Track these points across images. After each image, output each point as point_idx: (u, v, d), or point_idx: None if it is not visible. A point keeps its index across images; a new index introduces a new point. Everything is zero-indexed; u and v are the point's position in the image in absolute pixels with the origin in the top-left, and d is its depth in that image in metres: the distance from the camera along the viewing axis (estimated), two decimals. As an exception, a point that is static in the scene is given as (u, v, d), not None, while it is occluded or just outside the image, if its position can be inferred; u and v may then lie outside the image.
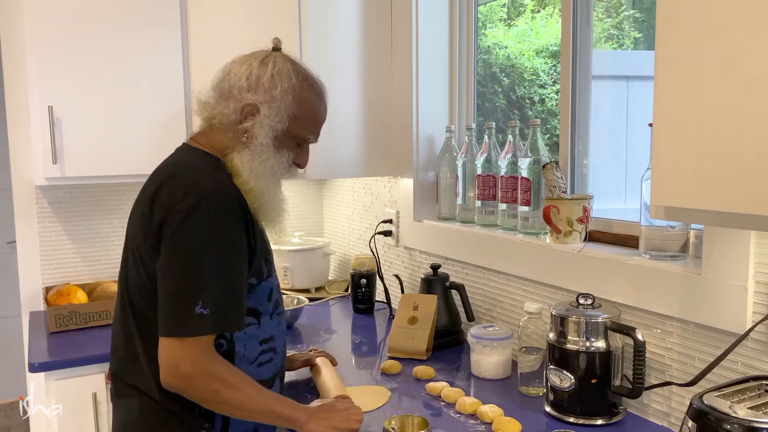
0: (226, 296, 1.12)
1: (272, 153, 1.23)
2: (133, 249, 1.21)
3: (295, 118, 1.24)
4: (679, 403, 1.31)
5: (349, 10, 2.13)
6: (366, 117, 2.19)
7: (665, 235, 1.35)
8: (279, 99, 1.22)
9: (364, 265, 2.26)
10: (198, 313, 1.09)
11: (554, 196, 1.60)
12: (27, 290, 2.32)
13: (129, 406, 1.23)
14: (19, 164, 2.27)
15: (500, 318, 1.82)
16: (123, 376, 1.25)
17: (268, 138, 1.22)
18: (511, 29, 2.16)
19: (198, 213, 1.11)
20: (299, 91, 1.24)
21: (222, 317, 1.11)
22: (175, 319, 1.10)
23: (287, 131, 1.24)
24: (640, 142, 1.61)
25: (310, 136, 1.30)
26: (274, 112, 1.22)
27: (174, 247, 1.12)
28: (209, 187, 1.14)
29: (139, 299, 1.20)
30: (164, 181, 1.17)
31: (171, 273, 1.11)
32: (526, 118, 2.01)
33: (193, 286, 1.10)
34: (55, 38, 1.97)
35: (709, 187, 0.89)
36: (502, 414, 1.35)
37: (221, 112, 1.23)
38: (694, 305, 1.25)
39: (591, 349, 1.32)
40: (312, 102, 1.27)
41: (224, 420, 1.23)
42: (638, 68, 1.77)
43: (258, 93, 1.21)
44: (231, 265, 1.14)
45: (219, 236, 1.12)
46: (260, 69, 1.23)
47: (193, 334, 1.09)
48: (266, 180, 1.22)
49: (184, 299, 1.09)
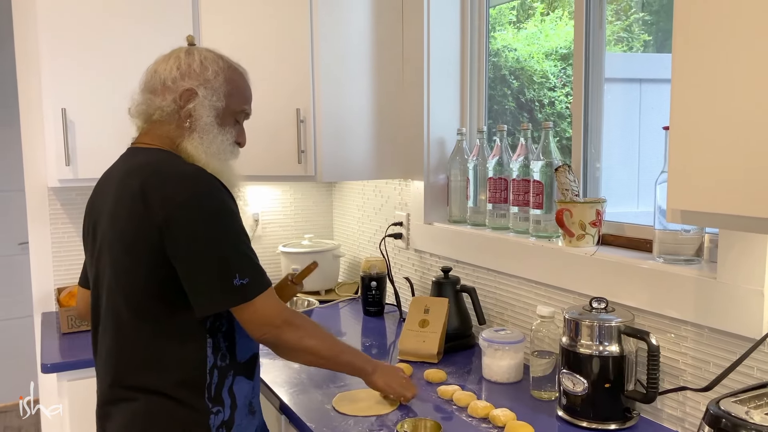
0: (252, 262, 1.22)
1: (218, 131, 1.30)
2: (123, 251, 1.22)
3: (229, 95, 1.31)
4: (694, 408, 1.30)
5: (361, 13, 2.13)
6: (377, 119, 2.19)
7: (679, 239, 1.34)
8: (212, 79, 1.29)
9: (375, 267, 2.26)
10: (238, 284, 1.18)
11: (567, 200, 1.59)
12: (39, 291, 2.33)
13: (130, 408, 1.24)
14: (33, 166, 2.29)
15: (512, 321, 1.81)
16: (122, 380, 1.25)
17: (211, 117, 1.29)
18: (520, 32, 2.16)
19: (203, 199, 1.18)
20: (227, 72, 1.32)
21: (259, 280, 1.21)
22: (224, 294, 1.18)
23: (225, 108, 1.31)
24: (652, 146, 1.60)
25: (246, 108, 1.37)
26: (211, 92, 1.29)
27: (194, 234, 1.17)
28: (197, 175, 1.21)
29: (142, 295, 1.21)
30: (147, 180, 1.20)
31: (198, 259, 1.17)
32: (535, 121, 2.01)
33: (225, 263, 1.18)
34: (69, 41, 1.99)
35: (726, 191, 0.89)
36: (514, 418, 1.35)
37: (159, 106, 1.28)
38: (708, 310, 1.24)
39: (604, 354, 1.31)
40: (239, 80, 1.35)
41: (232, 400, 1.28)
42: (651, 71, 1.76)
43: (192, 78, 1.28)
44: (242, 237, 1.22)
45: (227, 215, 1.20)
46: (188, 58, 1.30)
47: (239, 302, 1.19)
48: (221, 157, 1.30)
49: (221, 277, 1.17)
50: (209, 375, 1.24)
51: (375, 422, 1.38)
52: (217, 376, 1.25)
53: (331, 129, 2.11)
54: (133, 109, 1.33)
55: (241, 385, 1.30)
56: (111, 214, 1.25)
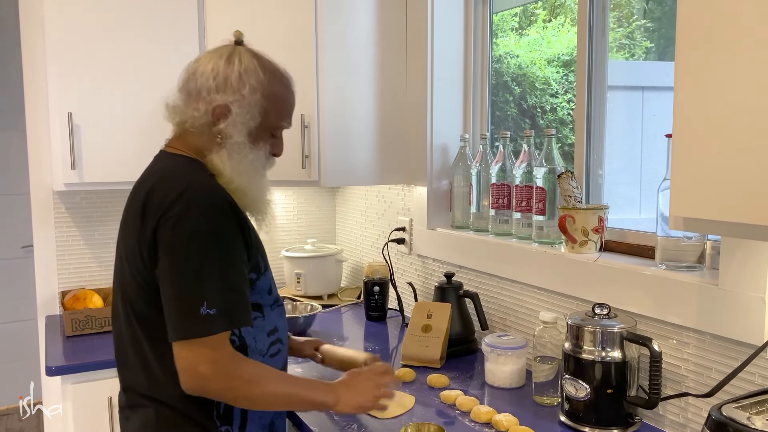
0: (230, 294, 1.13)
1: (249, 149, 1.24)
2: (128, 257, 1.21)
3: (265, 112, 1.25)
4: (695, 414, 1.30)
5: (365, 18, 2.15)
6: (380, 125, 2.21)
7: (682, 246, 1.35)
8: (248, 96, 1.22)
9: (377, 272, 2.27)
10: (204, 314, 1.09)
11: (570, 206, 1.60)
12: (43, 294, 2.35)
13: (144, 416, 1.23)
14: (38, 169, 2.30)
15: (514, 327, 1.82)
16: (135, 387, 1.25)
17: (243, 135, 1.23)
18: (522, 38, 2.17)
19: (190, 216, 1.12)
20: (267, 86, 1.24)
21: (229, 315, 1.12)
22: (183, 323, 1.11)
23: (260, 125, 1.25)
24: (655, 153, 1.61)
25: (283, 124, 1.31)
26: (245, 110, 1.22)
27: (171, 252, 1.12)
28: (197, 190, 1.15)
29: (143, 306, 1.20)
30: (151, 188, 1.18)
31: (172, 278, 1.12)
32: (537, 127, 2.02)
33: (196, 288, 1.10)
34: (75, 46, 2.00)
35: (729, 198, 0.90)
36: (517, 423, 1.35)
37: (192, 115, 1.23)
38: (711, 316, 1.25)
39: (607, 359, 1.32)
40: (280, 94, 1.28)
41: (242, 419, 1.24)
42: (654, 79, 1.77)
43: (227, 93, 1.21)
44: (229, 264, 1.14)
45: (213, 237, 1.13)
46: (227, 68, 1.22)
47: (201, 334, 1.10)
48: (249, 176, 1.24)
49: (188, 303, 1.10)
50: None
51: (379, 426, 1.38)
52: None
53: (334, 134, 2.12)
54: (169, 107, 1.28)
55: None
56: (124, 223, 1.25)
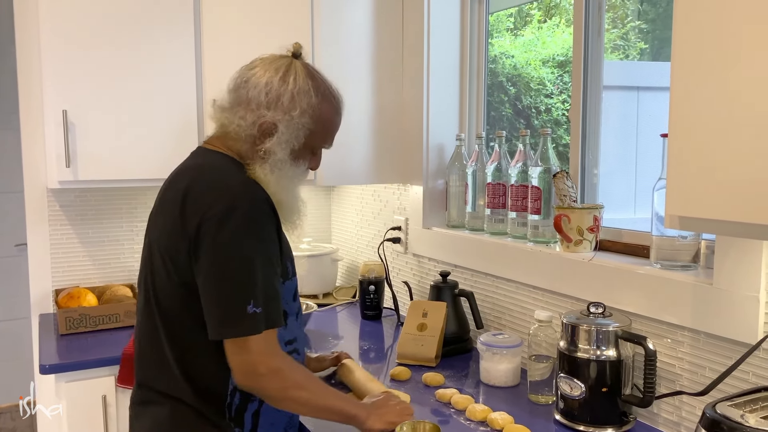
0: (271, 293, 1.15)
1: (290, 166, 1.25)
2: (162, 254, 1.19)
3: (311, 134, 1.26)
4: (689, 412, 1.31)
5: (361, 18, 2.15)
6: (376, 124, 2.21)
7: (676, 245, 1.36)
8: (297, 119, 1.22)
9: (373, 271, 2.27)
10: (251, 312, 1.11)
11: (565, 205, 1.61)
12: (37, 292, 2.33)
13: (158, 413, 1.23)
14: (32, 167, 2.29)
15: (509, 326, 1.83)
16: (151, 383, 1.25)
17: (286, 154, 1.23)
18: (517, 39, 2.18)
19: (235, 215, 1.12)
20: (317, 109, 1.25)
21: (271, 314, 1.14)
22: (231, 320, 1.12)
23: (304, 145, 1.26)
24: (650, 153, 1.62)
25: (326, 144, 1.33)
26: (292, 130, 1.22)
27: (217, 251, 1.12)
28: (241, 189, 1.16)
29: (170, 305, 1.20)
30: (191, 183, 1.18)
31: (217, 276, 1.12)
32: (532, 127, 2.03)
33: (243, 287, 1.11)
34: (70, 43, 1.99)
35: (724, 197, 0.90)
36: (512, 422, 1.36)
37: (238, 123, 1.23)
38: (705, 315, 1.25)
39: (602, 358, 1.32)
40: (329, 118, 1.28)
41: (253, 424, 1.24)
42: (649, 79, 1.78)
43: (277, 111, 1.21)
44: (270, 265, 1.16)
45: (257, 237, 1.14)
46: (281, 86, 1.22)
47: (250, 333, 1.11)
48: (287, 187, 1.25)
49: (236, 300, 1.11)
50: (230, 396, 1.21)
51: (374, 425, 1.38)
52: (239, 399, 1.22)
53: (330, 133, 2.12)
54: (216, 106, 1.27)
55: (271, 412, 1.26)
56: (158, 216, 1.24)
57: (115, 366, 1.89)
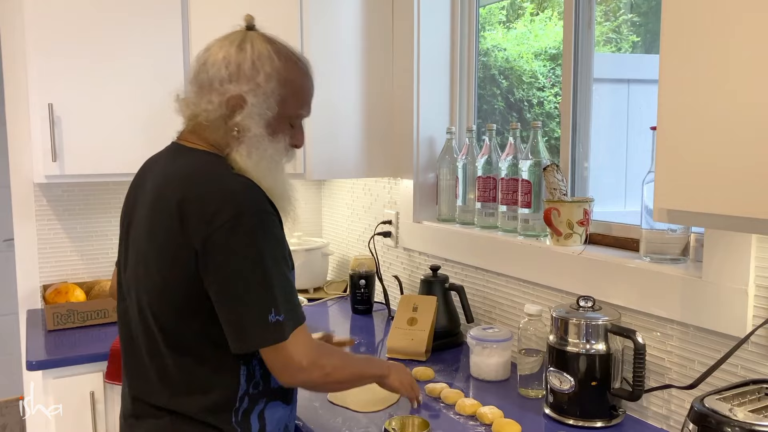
0: (289, 295, 1.12)
1: (269, 141, 1.17)
2: (158, 264, 1.13)
3: (283, 101, 1.17)
4: (679, 406, 1.31)
5: (351, 10, 2.13)
6: (366, 118, 2.19)
7: (666, 239, 1.36)
8: (264, 85, 1.14)
9: (363, 265, 2.26)
10: (273, 321, 1.07)
11: (555, 199, 1.60)
12: (24, 288, 2.31)
13: (155, 426, 1.18)
14: (18, 162, 2.26)
15: (500, 320, 1.82)
16: (147, 397, 1.19)
17: (261, 127, 1.15)
18: (510, 32, 2.17)
19: (243, 222, 1.06)
20: (283, 72, 1.16)
21: (293, 315, 1.11)
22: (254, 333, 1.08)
23: (279, 115, 1.17)
24: (640, 146, 1.61)
25: (302, 112, 1.23)
26: (262, 99, 1.14)
27: (230, 261, 1.07)
28: (243, 193, 1.10)
29: (169, 316, 1.13)
30: (187, 194, 1.10)
31: (234, 288, 1.07)
32: (524, 121, 2.02)
33: (263, 297, 1.07)
34: (56, 36, 1.97)
35: (713, 191, 0.90)
36: (501, 416, 1.36)
37: (205, 108, 1.15)
38: (694, 308, 1.25)
39: (591, 352, 1.32)
40: (298, 80, 1.20)
41: (260, 425, 1.20)
42: (639, 71, 1.78)
43: (241, 82, 1.13)
44: (284, 264, 1.12)
45: (268, 239, 1.09)
46: (239, 55, 1.14)
47: (274, 342, 1.08)
48: (271, 171, 1.17)
49: (258, 312, 1.07)
50: (239, 401, 1.17)
51: (363, 420, 1.38)
52: (248, 402, 1.18)
53: (320, 127, 2.10)
54: (180, 100, 1.20)
55: (275, 409, 1.23)
56: (148, 227, 1.15)
57: (104, 362, 1.87)
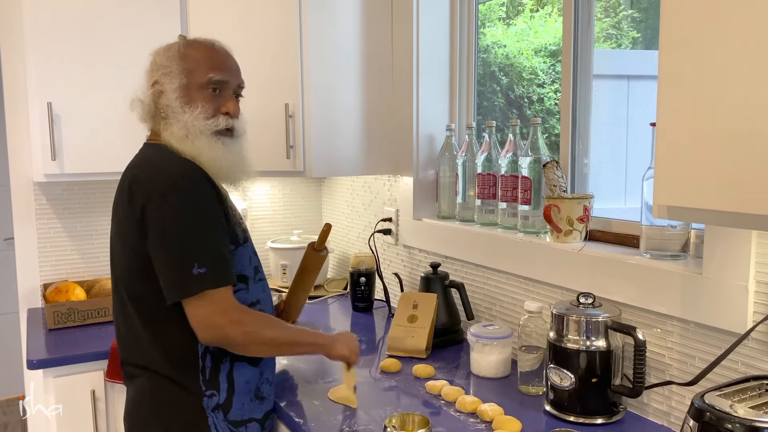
0: (216, 254, 1.24)
1: (185, 111, 1.31)
2: (121, 237, 1.31)
3: (189, 72, 1.33)
4: (679, 402, 1.31)
5: (350, 7, 2.13)
6: (366, 115, 2.19)
7: (666, 235, 1.35)
8: (168, 64, 1.33)
9: (364, 263, 2.26)
10: (196, 273, 1.20)
11: (555, 195, 1.60)
12: (25, 287, 2.31)
13: (140, 385, 1.33)
14: (18, 161, 2.26)
15: (500, 317, 1.82)
16: (130, 358, 1.35)
17: (174, 98, 1.32)
18: (509, 28, 2.16)
19: (175, 192, 1.23)
20: (183, 50, 1.35)
21: (218, 272, 1.23)
22: (180, 284, 1.21)
23: (188, 85, 1.33)
24: (640, 142, 1.61)
25: (211, 76, 1.34)
26: (170, 77, 1.33)
27: (160, 224, 1.22)
28: (177, 169, 1.27)
29: (134, 282, 1.30)
30: (137, 173, 1.29)
31: (163, 246, 1.22)
32: (524, 117, 2.01)
33: (187, 251, 1.21)
34: (55, 34, 1.97)
35: (712, 187, 0.89)
36: (502, 413, 1.35)
37: (145, 105, 1.36)
38: (694, 305, 1.25)
39: (591, 348, 1.32)
40: (200, 51, 1.36)
41: (229, 385, 1.32)
42: (639, 68, 1.77)
43: (155, 71, 1.35)
44: (212, 229, 1.25)
45: (197, 208, 1.24)
46: (156, 55, 1.37)
47: (199, 290, 1.21)
48: (196, 138, 1.31)
49: (180, 266, 1.21)
50: (201, 359, 1.30)
51: (364, 417, 1.38)
52: (211, 361, 1.31)
53: (320, 124, 2.10)
54: (135, 109, 1.39)
55: (242, 371, 1.35)
56: (114, 210, 1.35)
57: (104, 360, 1.88)
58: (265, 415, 1.41)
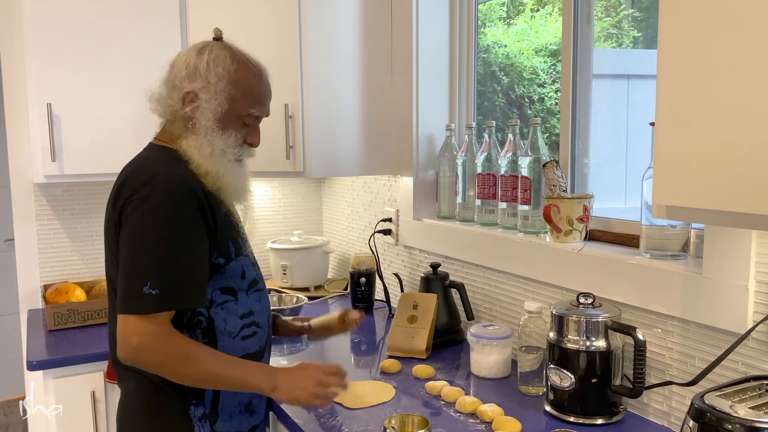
0: (175, 276, 1.18)
1: (217, 134, 1.29)
2: (107, 240, 1.30)
3: (233, 99, 1.30)
4: (680, 402, 1.31)
5: (350, 7, 2.13)
6: (366, 115, 2.19)
7: (666, 235, 1.35)
8: (215, 83, 1.28)
9: (364, 263, 2.26)
10: (146, 293, 1.16)
11: (555, 195, 1.60)
12: (25, 288, 2.31)
13: (129, 387, 1.32)
14: (18, 162, 2.26)
15: (500, 317, 1.82)
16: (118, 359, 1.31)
17: (210, 121, 1.29)
18: (510, 28, 2.16)
19: (151, 200, 1.19)
20: (234, 74, 1.30)
21: (171, 296, 1.17)
22: (127, 298, 1.17)
23: (228, 112, 1.30)
24: (640, 142, 1.61)
25: (252, 111, 1.34)
26: (212, 96, 1.28)
27: (128, 232, 1.21)
28: (162, 176, 1.22)
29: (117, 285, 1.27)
30: (126, 176, 1.26)
31: (125, 256, 1.20)
32: (525, 117, 2.01)
33: (141, 268, 1.17)
34: (55, 35, 1.97)
35: (712, 186, 0.89)
36: (502, 413, 1.35)
37: (168, 104, 1.31)
38: (694, 305, 1.25)
39: (591, 349, 1.32)
40: (249, 81, 1.32)
41: (214, 396, 1.30)
42: (639, 67, 1.77)
43: (196, 80, 1.28)
44: (181, 249, 1.19)
45: (168, 222, 1.19)
46: (197, 58, 1.30)
47: (140, 312, 1.16)
48: (217, 161, 1.28)
49: (134, 280, 1.17)
50: None
51: (364, 417, 1.38)
52: None
53: (319, 125, 2.10)
54: (152, 100, 1.35)
55: None
56: (106, 209, 1.33)
57: (104, 361, 1.88)
58: (251, 428, 1.38)
